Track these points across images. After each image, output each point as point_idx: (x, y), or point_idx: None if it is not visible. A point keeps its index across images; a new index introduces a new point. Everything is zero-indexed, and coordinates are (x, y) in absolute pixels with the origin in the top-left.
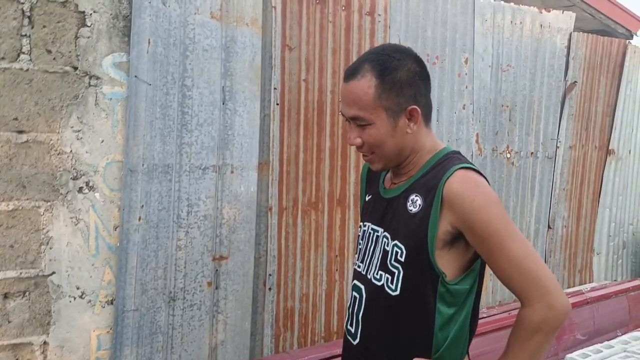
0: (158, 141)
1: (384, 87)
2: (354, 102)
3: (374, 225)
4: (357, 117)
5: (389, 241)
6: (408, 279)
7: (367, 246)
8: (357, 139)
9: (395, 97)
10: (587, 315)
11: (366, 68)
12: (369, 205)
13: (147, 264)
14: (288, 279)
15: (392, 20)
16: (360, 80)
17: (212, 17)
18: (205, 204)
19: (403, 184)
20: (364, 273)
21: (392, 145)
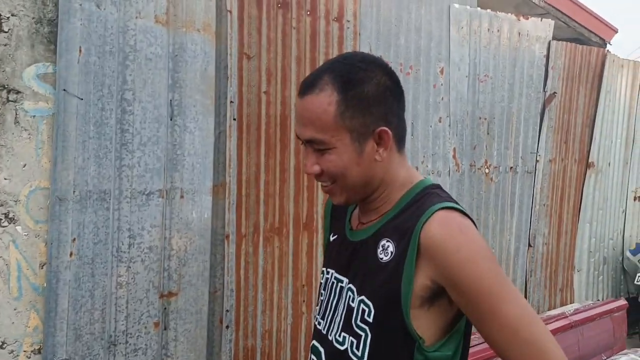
0: (92, 164)
1: (348, 103)
2: (311, 122)
3: (337, 274)
4: (315, 140)
5: (354, 296)
6: (377, 344)
7: (329, 299)
8: (314, 166)
9: (361, 117)
10: (572, 340)
11: (326, 80)
12: (334, 247)
13: (82, 305)
14: (248, 314)
15: (362, 26)
16: (319, 95)
17: (156, 22)
18: (151, 234)
19: (372, 225)
20: (325, 332)
21: (356, 174)
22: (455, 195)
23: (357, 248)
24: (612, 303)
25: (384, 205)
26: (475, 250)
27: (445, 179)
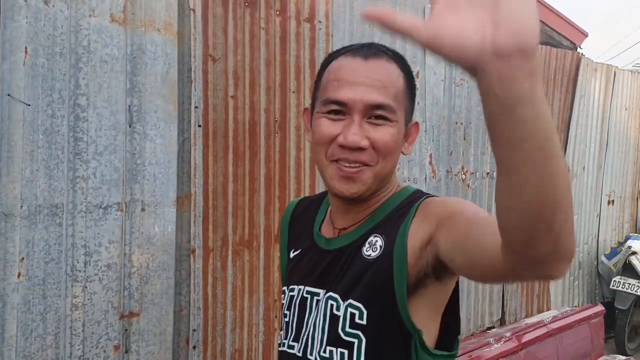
0: (42, 176)
1: (408, 87)
2: (384, 87)
3: (310, 288)
4: (385, 106)
5: (338, 303)
6: (374, 348)
7: (300, 318)
8: (363, 138)
9: (410, 104)
10: (550, 349)
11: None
12: (298, 262)
13: (32, 330)
14: (217, 333)
15: (335, 27)
16: (390, 65)
17: (112, 21)
18: (109, 251)
19: (357, 229)
20: (301, 354)
21: (393, 161)
22: None
23: (337, 255)
24: (590, 309)
25: (372, 207)
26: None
27: (422, 185)
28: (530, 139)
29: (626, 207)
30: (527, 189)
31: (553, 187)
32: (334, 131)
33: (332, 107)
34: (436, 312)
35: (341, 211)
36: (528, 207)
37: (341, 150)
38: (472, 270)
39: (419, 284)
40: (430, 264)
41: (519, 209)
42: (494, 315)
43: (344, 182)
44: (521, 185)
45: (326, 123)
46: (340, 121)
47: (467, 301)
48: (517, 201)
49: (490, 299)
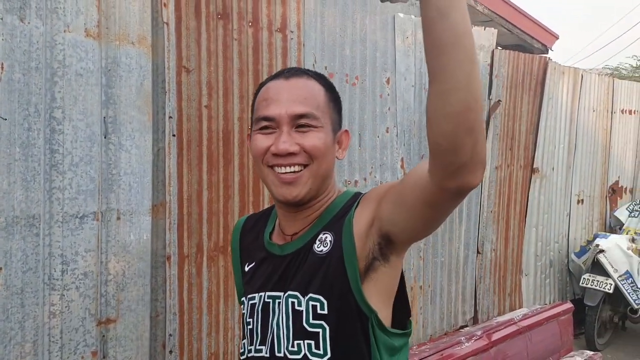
0: (19, 188)
1: (332, 96)
2: (305, 99)
3: (270, 292)
4: (306, 114)
5: (299, 299)
6: (338, 334)
7: (264, 322)
8: (292, 144)
9: (337, 114)
10: (520, 346)
11: (310, 76)
12: (253, 273)
13: (11, 338)
14: (193, 337)
15: (307, 37)
16: (309, 81)
17: (87, 36)
18: (85, 259)
19: (308, 232)
20: (269, 355)
21: (328, 162)
22: None
23: (292, 259)
24: (559, 307)
25: (315, 213)
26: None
27: None
28: (460, 44)
29: (595, 206)
30: (456, 92)
31: (476, 90)
32: (267, 143)
33: (263, 123)
34: (388, 296)
35: (289, 219)
36: (456, 110)
37: (274, 158)
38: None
39: (369, 268)
40: (377, 242)
41: (449, 114)
42: (467, 314)
43: (286, 188)
44: (452, 89)
45: (260, 138)
46: (272, 134)
47: (440, 300)
48: (449, 104)
49: (462, 298)
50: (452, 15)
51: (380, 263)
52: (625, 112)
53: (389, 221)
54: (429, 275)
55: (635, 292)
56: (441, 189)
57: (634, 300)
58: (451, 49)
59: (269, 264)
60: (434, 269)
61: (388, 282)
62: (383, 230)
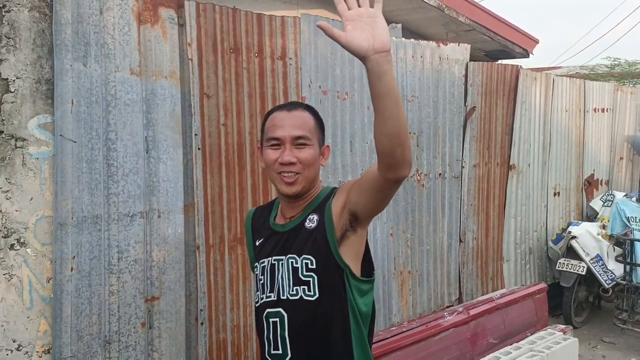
0: (86, 194)
1: (318, 123)
2: (301, 125)
3: (275, 256)
4: (302, 137)
5: (296, 259)
6: (323, 281)
7: (271, 276)
8: (293, 157)
9: (322, 134)
10: (498, 320)
11: (304, 108)
12: (262, 246)
13: (82, 311)
14: (219, 312)
15: (303, 62)
16: (303, 112)
17: (132, 74)
18: (135, 249)
19: (298, 217)
20: (276, 299)
21: (315, 169)
22: (392, 201)
23: (291, 232)
24: (534, 287)
25: (306, 202)
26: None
27: None
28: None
29: (572, 198)
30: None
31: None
32: (275, 156)
33: (273, 142)
34: (357, 255)
35: (289, 206)
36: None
37: (281, 166)
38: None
39: (343, 237)
40: (347, 219)
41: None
42: (452, 295)
43: (289, 186)
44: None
45: (271, 152)
46: (278, 150)
47: (427, 284)
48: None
49: (448, 281)
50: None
51: (351, 233)
52: (598, 111)
53: (355, 204)
54: (416, 262)
55: (605, 274)
56: (385, 179)
57: (605, 281)
58: (385, 97)
59: (274, 238)
60: (420, 256)
61: (357, 246)
62: (351, 210)
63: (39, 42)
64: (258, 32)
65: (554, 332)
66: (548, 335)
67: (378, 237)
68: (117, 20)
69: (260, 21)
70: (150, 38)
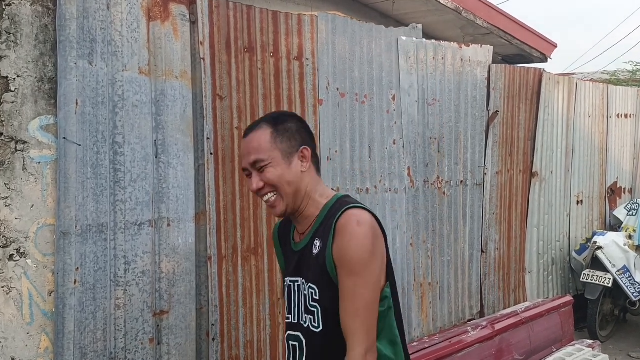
0: (91, 201)
1: (277, 132)
2: (253, 150)
3: (292, 278)
4: (257, 161)
5: (305, 286)
6: (325, 314)
7: (291, 297)
8: (259, 182)
9: (288, 141)
10: (523, 335)
11: (261, 123)
12: (287, 263)
13: (86, 327)
14: (231, 327)
15: (320, 63)
16: (257, 131)
17: (140, 73)
18: (143, 260)
19: (309, 234)
20: (296, 322)
21: (289, 181)
22: (412, 209)
23: (302, 254)
24: (559, 300)
25: (311, 215)
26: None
27: (402, 195)
28: None
29: (595, 206)
30: None
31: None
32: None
33: (245, 172)
34: None
35: (297, 222)
36: None
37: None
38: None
39: None
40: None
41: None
42: (474, 308)
43: (273, 209)
44: None
45: (248, 181)
46: (250, 177)
47: (448, 296)
48: None
49: (469, 294)
50: None
51: None
52: (621, 117)
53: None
54: (437, 273)
55: (632, 286)
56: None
57: (632, 294)
58: None
59: (292, 256)
60: (441, 267)
61: None
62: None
63: (41, 38)
64: (274, 30)
65: (582, 348)
66: (576, 351)
67: (397, 247)
68: (126, 16)
69: (276, 19)
70: (161, 35)
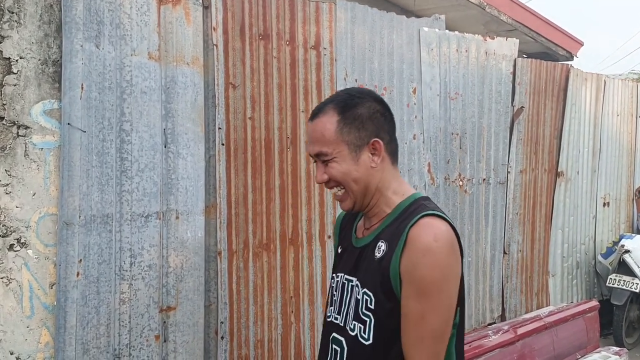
0: (95, 190)
1: (345, 121)
2: (317, 139)
3: (347, 275)
4: (320, 153)
5: (359, 290)
6: (379, 327)
7: (342, 297)
8: (323, 175)
9: (357, 131)
10: (546, 340)
11: (329, 107)
12: (341, 257)
13: (88, 321)
14: (241, 325)
15: (338, 53)
16: (322, 118)
17: (150, 58)
18: (150, 253)
19: (374, 232)
20: (343, 325)
21: (356, 179)
22: None
23: (362, 251)
24: (585, 304)
25: (381, 212)
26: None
27: (422, 192)
28: None
29: (622, 209)
30: None
31: None
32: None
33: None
34: None
35: (364, 218)
36: None
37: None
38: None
39: None
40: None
41: None
42: (495, 312)
43: (340, 204)
44: None
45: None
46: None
47: (468, 298)
48: None
49: (490, 297)
50: None
51: None
52: None
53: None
54: None
55: None
56: None
57: None
58: None
59: (350, 251)
60: None
61: None
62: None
63: (46, 18)
64: (290, 18)
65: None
66: (602, 358)
67: None
68: None
69: (293, 6)
70: (172, 20)
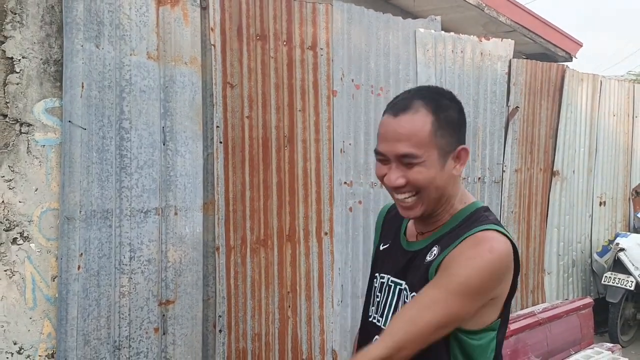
0: (96, 186)
1: (440, 123)
2: (407, 138)
3: (394, 278)
4: (409, 155)
5: (407, 294)
6: None
7: (387, 299)
8: (400, 179)
9: (449, 137)
10: (540, 336)
11: (419, 103)
12: (385, 254)
13: (89, 313)
14: (239, 319)
15: (335, 53)
16: (414, 115)
17: (149, 58)
18: (149, 248)
19: (430, 236)
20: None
21: (437, 186)
22: None
23: (414, 256)
24: (579, 301)
25: (442, 218)
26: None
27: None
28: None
29: (618, 208)
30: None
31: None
32: (384, 172)
33: (379, 156)
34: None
35: (419, 222)
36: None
37: (392, 188)
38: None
39: None
40: None
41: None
42: None
43: (405, 211)
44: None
45: (379, 165)
46: (387, 164)
47: None
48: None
49: None
50: None
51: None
52: None
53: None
54: None
55: None
56: None
57: None
58: None
59: (398, 252)
60: None
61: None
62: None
63: (47, 19)
64: (287, 19)
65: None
66: (595, 354)
67: None
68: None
69: (290, 7)
70: (170, 20)
